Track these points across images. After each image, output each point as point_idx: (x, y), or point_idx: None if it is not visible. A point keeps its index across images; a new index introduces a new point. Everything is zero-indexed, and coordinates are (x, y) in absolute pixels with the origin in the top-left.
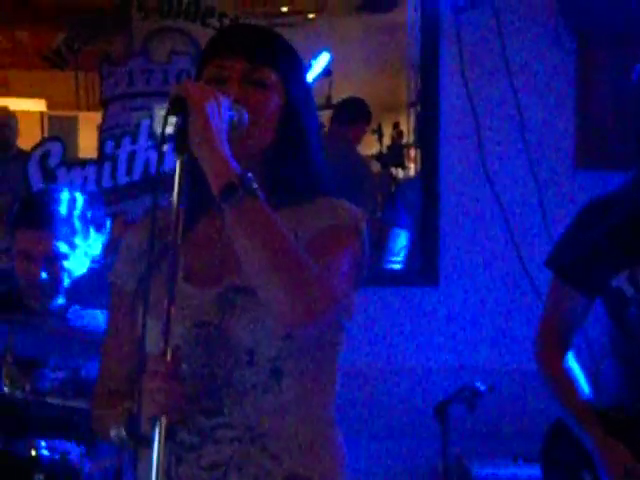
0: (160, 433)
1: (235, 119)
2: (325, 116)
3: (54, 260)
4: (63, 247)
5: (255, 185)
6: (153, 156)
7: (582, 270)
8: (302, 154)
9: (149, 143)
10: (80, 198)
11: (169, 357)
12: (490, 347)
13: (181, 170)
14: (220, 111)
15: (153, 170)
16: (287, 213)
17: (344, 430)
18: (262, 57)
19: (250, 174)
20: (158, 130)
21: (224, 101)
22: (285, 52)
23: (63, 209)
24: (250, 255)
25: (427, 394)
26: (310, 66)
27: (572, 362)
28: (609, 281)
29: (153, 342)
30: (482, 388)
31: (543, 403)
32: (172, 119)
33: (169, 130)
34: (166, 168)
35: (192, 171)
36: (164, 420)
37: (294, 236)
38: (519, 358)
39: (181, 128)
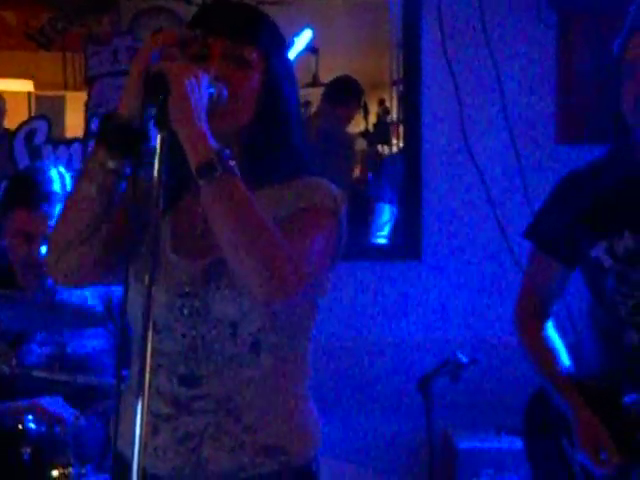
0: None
1: (214, 95)
2: (313, 94)
3: (43, 240)
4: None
5: (232, 163)
6: None
7: (561, 240)
8: (282, 132)
9: None
10: (67, 175)
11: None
12: (473, 320)
13: (162, 146)
14: (200, 88)
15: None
16: (266, 192)
17: (328, 404)
18: (243, 34)
19: (228, 151)
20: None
21: (203, 78)
22: (267, 29)
23: (57, 187)
24: (223, 231)
25: (410, 367)
26: (292, 43)
27: (551, 331)
28: (587, 251)
29: (138, 306)
30: (465, 360)
31: (526, 374)
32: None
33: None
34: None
35: (175, 146)
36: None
37: (272, 216)
38: (502, 330)
39: (161, 104)
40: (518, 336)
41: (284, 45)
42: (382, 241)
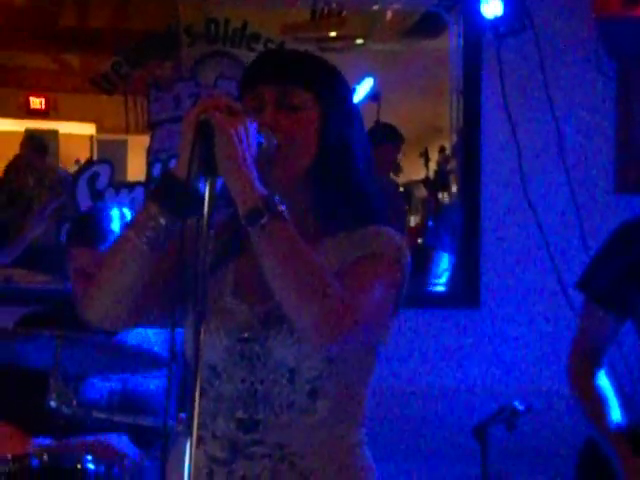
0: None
1: (264, 144)
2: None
3: None
4: None
5: (281, 208)
6: None
7: (612, 292)
8: (345, 176)
9: None
10: (129, 214)
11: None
12: (529, 368)
13: (210, 192)
14: (248, 136)
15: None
16: (332, 240)
17: (384, 450)
18: (293, 79)
19: (277, 197)
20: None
21: (252, 125)
22: (320, 71)
23: (116, 225)
24: (273, 276)
25: (466, 414)
26: (354, 91)
27: (604, 380)
28: (638, 303)
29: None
30: (521, 408)
31: (582, 424)
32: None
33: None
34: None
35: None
36: None
37: (336, 265)
38: (558, 379)
39: (207, 152)
40: (570, 384)
41: (342, 86)
42: (440, 289)
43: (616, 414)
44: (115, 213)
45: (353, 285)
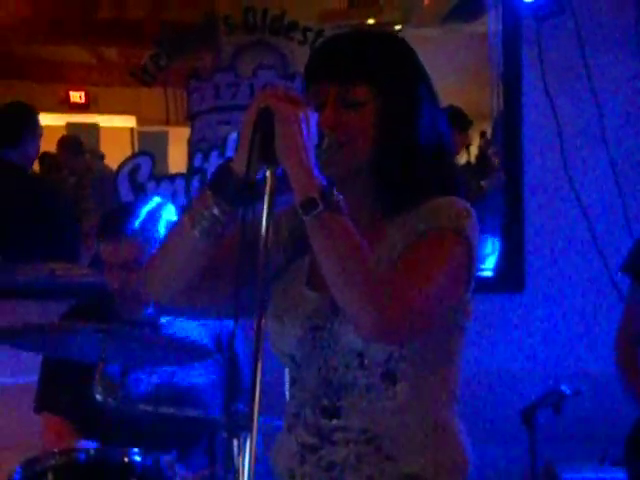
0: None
1: (325, 143)
2: None
3: (132, 268)
4: (140, 256)
5: (338, 199)
6: None
7: None
8: (407, 162)
9: None
10: (170, 207)
11: None
12: (576, 351)
13: (271, 181)
14: (308, 124)
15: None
16: (398, 221)
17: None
18: (353, 75)
19: (335, 188)
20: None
21: (312, 116)
22: (381, 60)
23: (140, 219)
24: (326, 267)
25: (514, 398)
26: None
27: None
28: None
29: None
30: (568, 392)
31: (630, 405)
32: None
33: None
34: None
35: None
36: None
37: (402, 246)
38: (605, 362)
39: (267, 139)
40: (617, 366)
41: (405, 68)
42: (487, 274)
43: None
44: (151, 205)
45: (412, 275)
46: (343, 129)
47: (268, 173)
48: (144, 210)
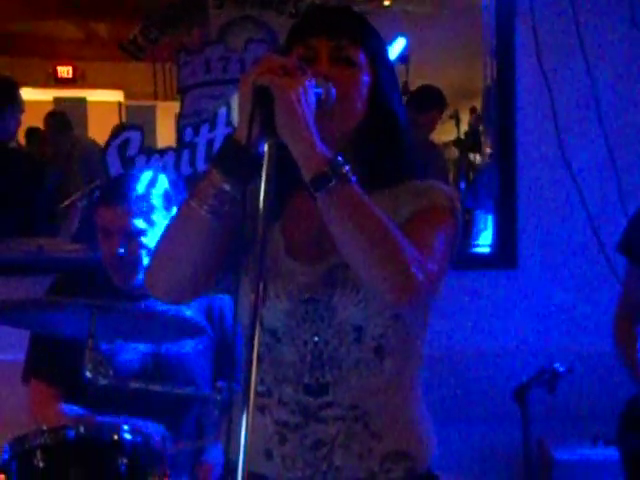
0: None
1: (322, 95)
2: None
3: (131, 235)
4: (140, 223)
5: (346, 168)
6: None
7: None
8: (392, 135)
9: (227, 130)
10: (164, 178)
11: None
12: (569, 329)
13: (270, 155)
14: (307, 95)
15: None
16: (380, 196)
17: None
18: (350, 36)
19: (340, 158)
20: (235, 119)
21: (310, 85)
22: (371, 32)
23: (141, 187)
24: (345, 240)
25: (507, 377)
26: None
27: None
28: None
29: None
30: (562, 370)
31: (624, 384)
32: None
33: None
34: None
35: (281, 152)
36: None
37: (390, 216)
38: (599, 339)
39: (267, 115)
40: (615, 344)
41: (386, 48)
42: (484, 250)
43: None
44: (146, 175)
45: (418, 239)
46: (338, 83)
47: (266, 147)
48: (143, 179)
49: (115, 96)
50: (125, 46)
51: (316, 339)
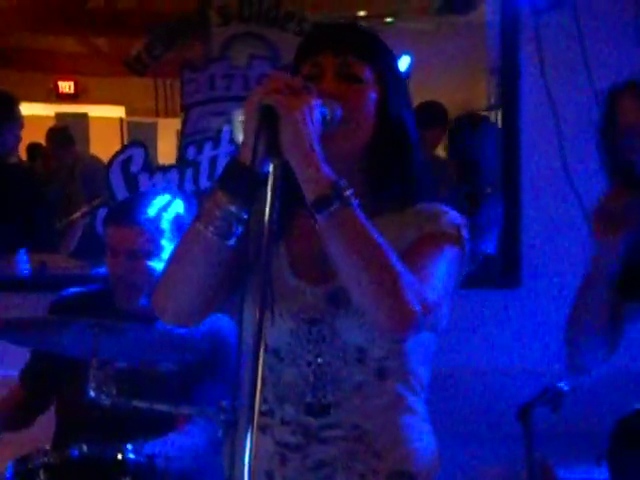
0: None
1: (327, 115)
2: None
3: (137, 257)
4: (148, 246)
5: (349, 192)
6: None
7: None
8: (402, 154)
9: (231, 148)
10: (179, 202)
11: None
12: None
13: (275, 175)
14: (312, 115)
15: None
16: (386, 219)
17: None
18: (356, 52)
19: (344, 181)
20: (238, 137)
21: (315, 105)
22: (380, 49)
23: (152, 210)
24: (343, 264)
25: (510, 395)
26: None
27: None
28: None
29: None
30: (566, 389)
31: (627, 404)
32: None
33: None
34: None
35: (286, 170)
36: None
37: (394, 244)
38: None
39: (272, 134)
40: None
41: (397, 65)
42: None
43: None
44: (160, 200)
45: (420, 268)
46: (344, 100)
47: (271, 167)
48: (156, 201)
49: (117, 112)
50: (129, 62)
51: (319, 360)
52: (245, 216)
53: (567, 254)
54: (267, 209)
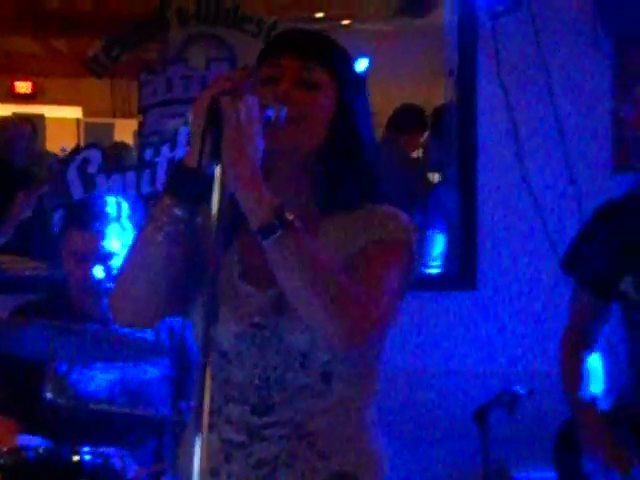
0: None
1: (272, 117)
2: None
3: (105, 259)
4: (112, 246)
5: (292, 217)
6: None
7: (595, 273)
8: (355, 158)
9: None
10: (125, 203)
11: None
12: (529, 350)
13: (221, 178)
14: (249, 114)
15: None
16: (336, 220)
17: (384, 435)
18: (317, 58)
19: (283, 206)
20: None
21: (253, 100)
22: (340, 55)
23: (112, 210)
24: (291, 288)
25: (467, 398)
26: None
27: (593, 362)
28: (618, 285)
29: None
30: (522, 392)
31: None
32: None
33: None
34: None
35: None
36: None
37: (342, 246)
38: (558, 361)
39: (218, 137)
40: (560, 367)
41: (356, 72)
42: (436, 271)
43: (595, 389)
44: (109, 198)
45: (369, 279)
46: (296, 105)
47: (218, 170)
48: (113, 204)
49: (74, 113)
50: (87, 63)
51: (264, 363)
52: (193, 219)
53: (522, 256)
54: (214, 213)
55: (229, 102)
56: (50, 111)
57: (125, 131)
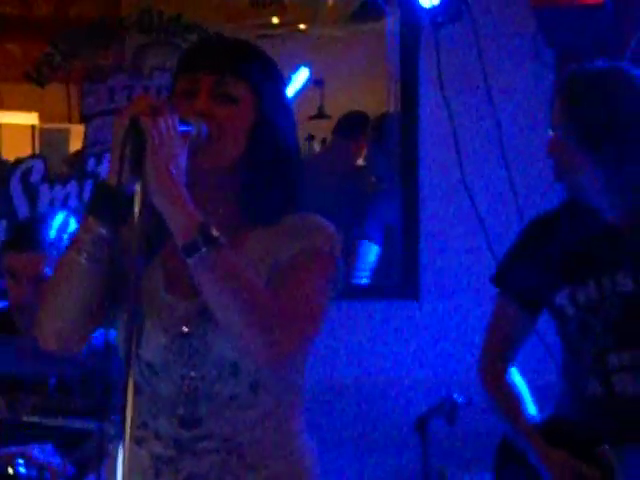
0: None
1: (194, 133)
2: (318, 127)
3: (42, 282)
4: (50, 269)
5: (217, 234)
6: None
7: (525, 286)
8: (275, 168)
9: None
10: (73, 220)
11: None
12: (470, 360)
13: (141, 192)
14: (169, 135)
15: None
16: (261, 233)
17: (324, 443)
18: (232, 70)
19: (209, 223)
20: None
21: (173, 118)
22: (257, 63)
23: (52, 232)
24: (216, 305)
25: (407, 407)
26: (290, 80)
27: (516, 377)
28: (552, 298)
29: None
30: (460, 401)
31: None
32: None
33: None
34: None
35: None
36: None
37: (268, 256)
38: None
39: (139, 154)
40: (482, 383)
41: (277, 79)
42: (364, 281)
43: (531, 409)
44: (56, 221)
45: (294, 295)
46: (215, 120)
47: (138, 187)
48: (55, 222)
49: (29, 119)
50: (29, 72)
51: (192, 374)
52: (116, 236)
53: (464, 266)
54: (135, 229)
55: (149, 121)
56: (5, 117)
57: (81, 137)
